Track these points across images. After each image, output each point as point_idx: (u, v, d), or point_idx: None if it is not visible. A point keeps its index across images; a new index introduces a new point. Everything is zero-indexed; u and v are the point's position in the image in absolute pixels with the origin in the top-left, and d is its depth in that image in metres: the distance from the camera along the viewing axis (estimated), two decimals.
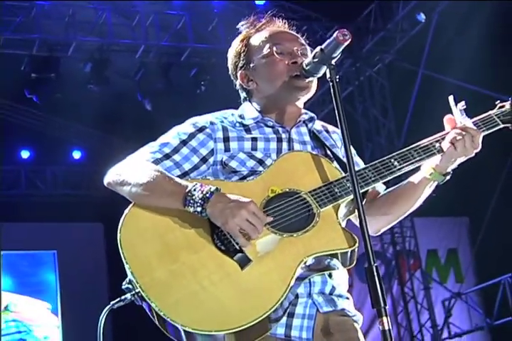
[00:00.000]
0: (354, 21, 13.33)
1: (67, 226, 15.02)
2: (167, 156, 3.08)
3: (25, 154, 15.41)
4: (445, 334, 13.85)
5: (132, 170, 3.02)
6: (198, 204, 2.82)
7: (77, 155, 15.73)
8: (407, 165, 3.08)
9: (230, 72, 3.37)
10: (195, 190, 2.84)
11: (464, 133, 3.08)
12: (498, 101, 3.26)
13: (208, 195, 2.82)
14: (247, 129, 3.18)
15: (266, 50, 3.21)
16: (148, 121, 12.79)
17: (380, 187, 3.31)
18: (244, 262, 2.80)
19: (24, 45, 11.87)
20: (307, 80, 3.11)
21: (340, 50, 2.87)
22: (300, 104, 3.25)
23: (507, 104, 3.24)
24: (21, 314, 14.93)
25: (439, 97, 3.28)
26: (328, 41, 2.88)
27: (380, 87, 14.01)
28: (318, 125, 3.34)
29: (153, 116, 12.65)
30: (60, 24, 11.97)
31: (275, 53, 3.18)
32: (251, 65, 3.24)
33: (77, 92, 12.19)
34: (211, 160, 3.12)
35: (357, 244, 2.85)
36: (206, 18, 12.63)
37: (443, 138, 3.13)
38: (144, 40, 12.34)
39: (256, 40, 3.27)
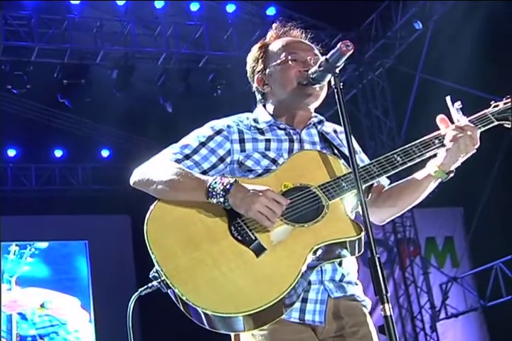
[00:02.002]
0: (357, 30, 13.31)
1: (97, 218, 15.05)
2: (187, 157, 3.09)
3: (58, 153, 15.44)
4: (442, 315, 13.82)
5: (156, 170, 3.02)
6: (221, 195, 2.83)
7: (105, 153, 15.75)
8: (409, 161, 3.08)
9: (248, 75, 3.36)
10: (215, 183, 2.86)
11: (462, 130, 3.08)
12: (493, 101, 3.25)
13: (228, 187, 2.83)
14: (261, 132, 3.18)
15: (282, 57, 3.20)
16: (170, 122, 12.81)
17: (384, 181, 3.31)
18: (259, 250, 2.81)
19: (56, 54, 11.91)
20: (314, 87, 3.10)
21: (344, 59, 2.87)
22: (311, 108, 3.25)
23: (500, 104, 3.23)
24: (55, 310, 15.01)
25: (436, 98, 3.28)
26: (332, 51, 2.88)
27: (381, 90, 13.98)
28: (327, 127, 3.33)
29: (174, 118, 12.66)
30: (89, 35, 12.02)
31: (289, 61, 3.18)
32: (267, 70, 3.24)
33: (105, 96, 12.21)
34: (228, 159, 3.12)
35: (363, 233, 2.84)
36: (221, 27, 12.63)
37: (442, 135, 3.12)
38: (165, 49, 12.35)
39: (274, 47, 3.27)
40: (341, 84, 2.90)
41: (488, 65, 11.13)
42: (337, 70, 2.90)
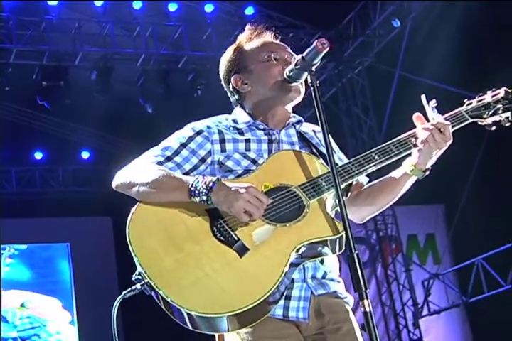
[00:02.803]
0: (335, 28, 13.33)
1: (78, 220, 15.01)
2: (169, 158, 3.10)
3: (38, 155, 15.39)
4: (425, 312, 13.88)
5: (138, 172, 3.03)
6: (203, 193, 2.84)
7: (85, 155, 15.70)
8: (387, 159, 3.10)
9: (221, 77, 3.37)
10: (198, 182, 2.87)
11: (432, 128, 3.10)
12: (466, 99, 3.29)
13: (210, 185, 2.84)
14: (241, 132, 3.20)
15: (264, 56, 3.22)
16: (150, 123, 12.78)
17: (363, 179, 3.33)
18: (242, 251, 2.82)
19: (35, 56, 11.86)
20: (295, 84, 3.12)
21: (320, 57, 2.87)
22: (289, 107, 3.27)
23: (474, 102, 3.27)
24: (36, 310, 14.94)
25: (415, 96, 3.29)
26: (308, 49, 2.89)
27: (361, 88, 14.02)
28: (305, 127, 3.35)
29: (154, 119, 12.64)
30: (68, 36, 11.96)
31: (273, 59, 3.20)
32: (247, 69, 3.25)
33: (85, 98, 12.17)
34: (209, 160, 3.13)
35: (343, 232, 2.83)
36: (200, 28, 12.61)
37: (417, 134, 3.15)
38: (144, 50, 12.33)
39: (251, 47, 3.29)
40: (318, 82, 2.90)
41: (466, 63, 11.19)
42: (313, 68, 2.91)
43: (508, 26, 10.88)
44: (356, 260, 2.61)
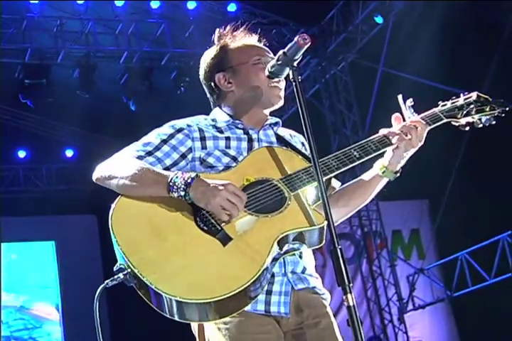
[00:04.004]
0: (318, 25, 13.35)
1: (63, 218, 14.98)
2: (149, 153, 3.10)
3: (22, 154, 15.34)
4: (410, 307, 13.94)
5: (118, 165, 3.03)
6: (181, 189, 2.85)
7: (69, 153, 15.66)
8: (365, 155, 3.15)
9: (202, 73, 3.37)
10: (177, 177, 2.87)
11: (408, 129, 3.18)
12: (440, 101, 3.37)
13: (189, 181, 2.85)
14: (220, 131, 3.22)
15: (253, 59, 3.25)
16: (133, 121, 12.72)
17: (335, 183, 3.32)
18: (225, 240, 2.84)
19: (17, 54, 11.81)
20: (276, 80, 3.14)
21: (301, 52, 2.87)
22: (268, 111, 3.32)
23: (448, 103, 3.36)
24: (30, 311, 14.96)
25: (398, 91, 3.33)
26: (289, 45, 2.88)
27: (344, 84, 14.05)
28: (282, 131, 3.38)
29: (138, 116, 12.61)
30: (50, 34, 11.92)
31: (262, 63, 3.22)
32: (233, 69, 3.27)
33: (68, 96, 12.13)
34: (190, 156, 3.14)
35: (325, 222, 2.87)
36: (183, 25, 12.60)
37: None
38: (126, 47, 12.30)
39: (238, 47, 3.31)
40: (299, 77, 2.91)
41: (449, 58, 11.24)
42: (295, 63, 2.91)
43: (490, 24, 10.95)
44: (340, 254, 2.62)
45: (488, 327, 12.29)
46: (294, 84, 2.88)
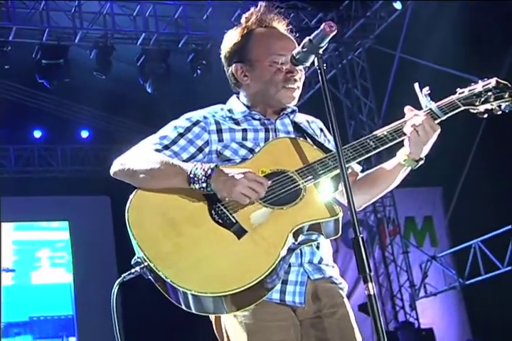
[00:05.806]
0: (336, 9, 13.28)
1: (77, 199, 15.03)
2: (166, 147, 3.10)
3: (37, 134, 15.41)
4: (422, 293, 13.95)
5: (137, 159, 3.03)
6: (203, 180, 2.85)
7: (84, 134, 15.71)
8: (381, 145, 3.12)
9: (223, 56, 3.32)
10: (197, 168, 2.88)
11: (421, 119, 3.10)
12: (458, 88, 3.29)
13: (209, 172, 2.85)
14: (237, 122, 3.20)
15: (272, 58, 3.17)
16: (149, 103, 12.77)
17: (356, 168, 3.35)
18: (240, 233, 2.84)
19: (35, 34, 11.80)
20: (296, 86, 3.16)
21: (327, 40, 2.86)
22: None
23: (465, 90, 3.27)
24: None
25: (415, 78, 3.30)
26: (316, 32, 2.86)
27: (361, 70, 13.99)
28: (299, 117, 3.35)
29: (154, 99, 12.62)
30: (67, 15, 11.91)
31: (280, 63, 3.16)
32: (251, 63, 3.22)
33: (84, 77, 12.14)
34: (207, 149, 3.14)
35: (340, 214, 2.89)
36: (201, 7, 12.55)
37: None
38: (144, 29, 12.27)
39: (260, 38, 3.24)
40: (324, 65, 2.89)
41: (467, 45, 11.17)
42: (320, 51, 2.89)
43: (508, 12, 10.86)
44: (361, 243, 2.61)
45: (500, 315, 12.27)
46: (319, 71, 2.86)
